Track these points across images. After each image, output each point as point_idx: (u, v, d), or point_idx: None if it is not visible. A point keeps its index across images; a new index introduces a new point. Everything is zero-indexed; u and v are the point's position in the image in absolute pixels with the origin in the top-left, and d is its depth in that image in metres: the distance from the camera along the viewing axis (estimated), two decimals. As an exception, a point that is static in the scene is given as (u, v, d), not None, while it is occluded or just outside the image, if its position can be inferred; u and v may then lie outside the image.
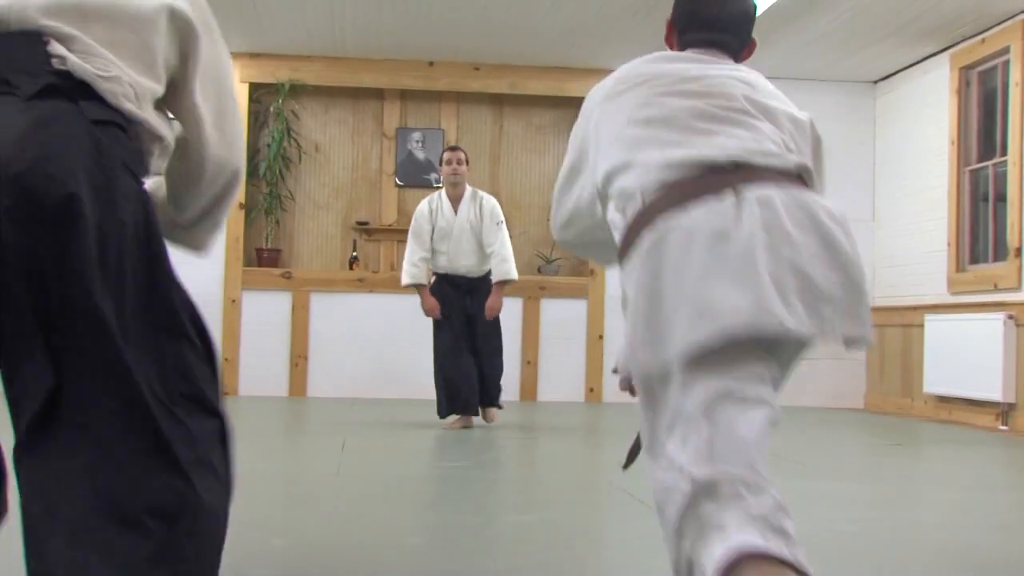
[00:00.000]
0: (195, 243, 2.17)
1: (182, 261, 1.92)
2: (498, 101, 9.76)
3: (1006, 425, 7.33)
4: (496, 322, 6.59)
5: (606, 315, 9.40)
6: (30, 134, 1.68)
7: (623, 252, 2.08)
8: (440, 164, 6.86)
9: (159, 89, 1.92)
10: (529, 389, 9.32)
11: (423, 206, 6.70)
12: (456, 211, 6.60)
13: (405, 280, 6.62)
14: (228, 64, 2.11)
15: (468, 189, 6.71)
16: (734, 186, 1.98)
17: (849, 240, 2.01)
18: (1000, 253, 7.78)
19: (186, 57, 1.97)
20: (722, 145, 2.05)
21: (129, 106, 1.83)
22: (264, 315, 9.12)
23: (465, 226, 6.55)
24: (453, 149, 6.76)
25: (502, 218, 6.67)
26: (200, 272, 9.08)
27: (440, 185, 7.26)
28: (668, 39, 2.43)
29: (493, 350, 6.59)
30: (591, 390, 9.37)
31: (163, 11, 1.92)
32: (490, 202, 6.69)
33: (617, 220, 2.11)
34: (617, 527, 3.61)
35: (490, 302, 6.48)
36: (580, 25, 8.28)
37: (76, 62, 1.79)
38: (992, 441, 6.73)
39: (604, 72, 9.69)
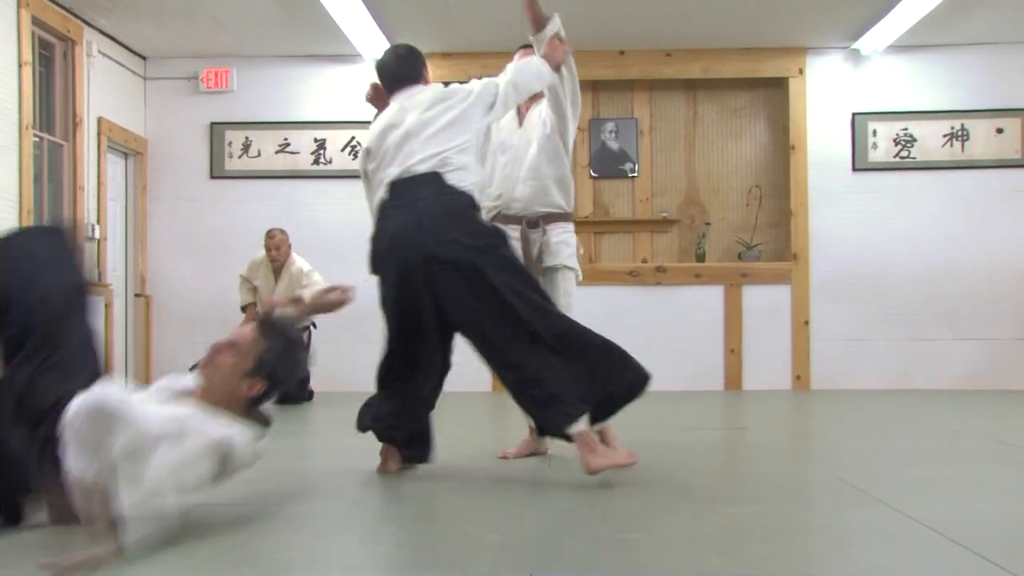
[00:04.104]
0: None
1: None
2: (691, 86, 9.61)
3: None
4: None
5: (811, 300, 9.13)
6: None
7: None
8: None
9: None
10: (734, 378, 9.15)
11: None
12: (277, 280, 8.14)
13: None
14: None
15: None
16: None
17: None
18: None
19: None
20: None
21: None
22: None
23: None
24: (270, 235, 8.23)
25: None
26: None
27: (635, 176, 7.29)
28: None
29: None
30: (798, 377, 9.12)
31: None
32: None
33: None
34: (838, 518, 3.46)
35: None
36: (773, 3, 8.04)
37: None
38: None
39: (799, 50, 9.33)
